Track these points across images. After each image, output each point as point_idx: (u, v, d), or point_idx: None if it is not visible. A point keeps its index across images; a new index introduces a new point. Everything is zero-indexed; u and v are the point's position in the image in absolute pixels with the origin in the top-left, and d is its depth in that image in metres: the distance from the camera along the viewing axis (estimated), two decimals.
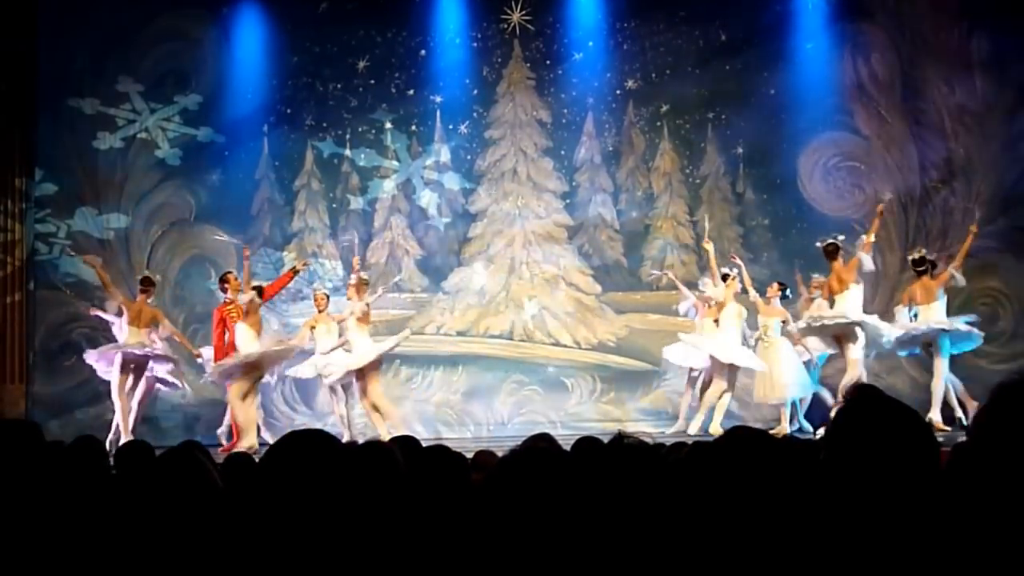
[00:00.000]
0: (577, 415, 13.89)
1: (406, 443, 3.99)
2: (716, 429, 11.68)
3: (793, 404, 12.31)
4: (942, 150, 13.89)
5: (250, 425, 11.35)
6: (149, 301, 11.97)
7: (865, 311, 11.63)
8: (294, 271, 12.54)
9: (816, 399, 12.51)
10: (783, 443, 2.84)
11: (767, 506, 2.08)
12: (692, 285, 12.96)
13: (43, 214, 13.83)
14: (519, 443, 2.43)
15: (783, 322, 12.11)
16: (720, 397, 12.01)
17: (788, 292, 12.51)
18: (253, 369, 11.41)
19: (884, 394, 1.98)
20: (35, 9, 13.68)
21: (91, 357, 12.03)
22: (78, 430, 11.67)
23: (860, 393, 1.78)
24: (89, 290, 13.64)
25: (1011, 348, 13.53)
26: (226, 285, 11.91)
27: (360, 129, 14.43)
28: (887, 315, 12.18)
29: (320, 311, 12.28)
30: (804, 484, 2.06)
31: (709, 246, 12.45)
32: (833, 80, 14.15)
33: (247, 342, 11.36)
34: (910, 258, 12.11)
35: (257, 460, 3.25)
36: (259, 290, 11.71)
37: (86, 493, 3.22)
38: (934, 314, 11.64)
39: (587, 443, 3.18)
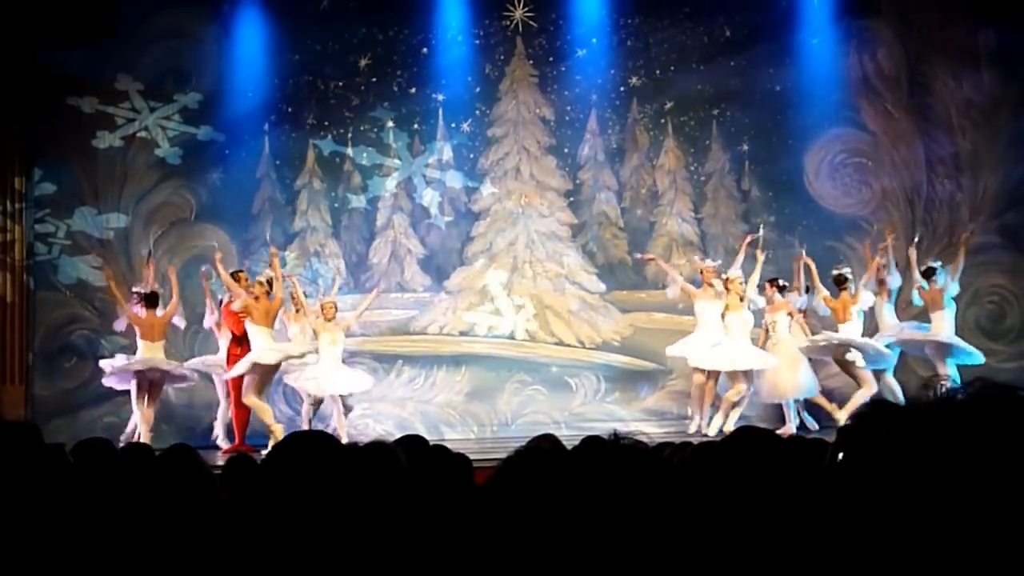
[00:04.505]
0: (581, 415, 13.82)
1: (411, 443, 3.95)
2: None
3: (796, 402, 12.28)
4: (949, 146, 13.87)
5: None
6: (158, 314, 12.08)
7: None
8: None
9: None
10: (791, 443, 2.79)
11: (775, 507, 2.04)
12: (695, 282, 12.83)
13: (42, 214, 13.75)
14: (523, 444, 2.40)
15: (788, 314, 12.09)
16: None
17: (784, 285, 12.44)
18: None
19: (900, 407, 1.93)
20: (34, 6, 13.61)
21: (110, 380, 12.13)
22: (78, 432, 11.65)
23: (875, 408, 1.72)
24: (89, 291, 13.60)
25: (1018, 346, 13.50)
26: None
27: (362, 127, 14.37)
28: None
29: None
30: (813, 485, 1.95)
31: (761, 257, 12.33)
32: (839, 76, 14.11)
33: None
34: (833, 274, 12.16)
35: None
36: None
37: (88, 495, 3.22)
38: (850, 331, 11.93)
39: (592, 443, 3.11)
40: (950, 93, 13.89)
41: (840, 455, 1.67)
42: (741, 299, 11.97)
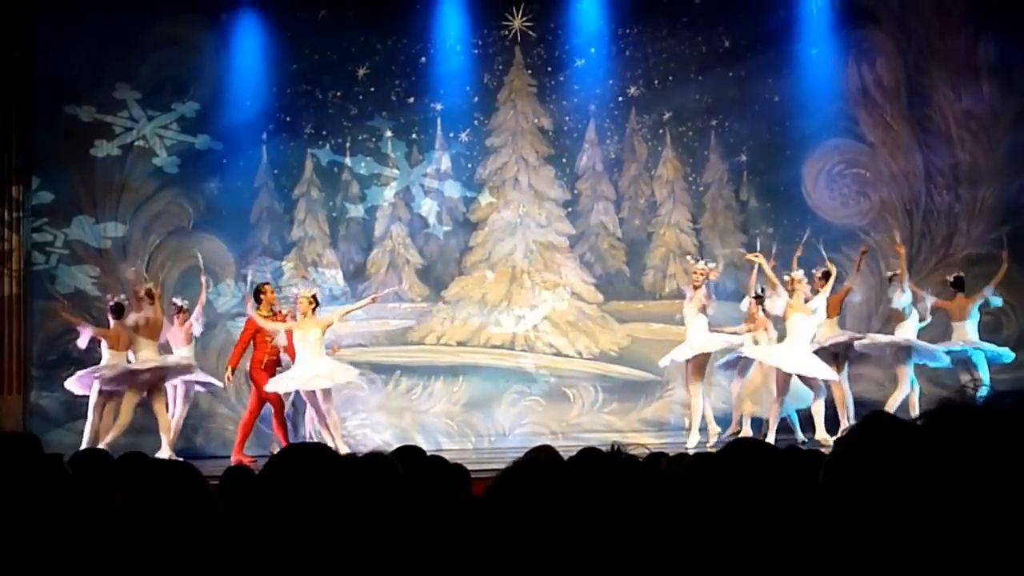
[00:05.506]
0: (579, 426, 13.79)
1: (409, 453, 3.94)
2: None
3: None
4: (948, 157, 13.86)
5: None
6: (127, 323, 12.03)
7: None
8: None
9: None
10: (787, 454, 2.77)
11: (772, 519, 2.04)
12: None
13: (40, 223, 13.73)
14: (520, 454, 2.40)
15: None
16: None
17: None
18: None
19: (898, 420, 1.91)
20: (32, 15, 13.61)
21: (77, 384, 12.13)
22: (77, 442, 11.62)
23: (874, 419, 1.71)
24: (87, 301, 13.57)
25: (1015, 358, 13.42)
26: (263, 297, 12.03)
27: (360, 137, 14.35)
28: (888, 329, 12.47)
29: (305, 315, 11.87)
30: (810, 496, 2.01)
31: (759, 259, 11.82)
32: (837, 86, 14.09)
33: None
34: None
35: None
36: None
37: (87, 506, 3.23)
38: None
39: (589, 454, 3.13)
40: (949, 104, 13.88)
41: (839, 466, 1.65)
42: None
